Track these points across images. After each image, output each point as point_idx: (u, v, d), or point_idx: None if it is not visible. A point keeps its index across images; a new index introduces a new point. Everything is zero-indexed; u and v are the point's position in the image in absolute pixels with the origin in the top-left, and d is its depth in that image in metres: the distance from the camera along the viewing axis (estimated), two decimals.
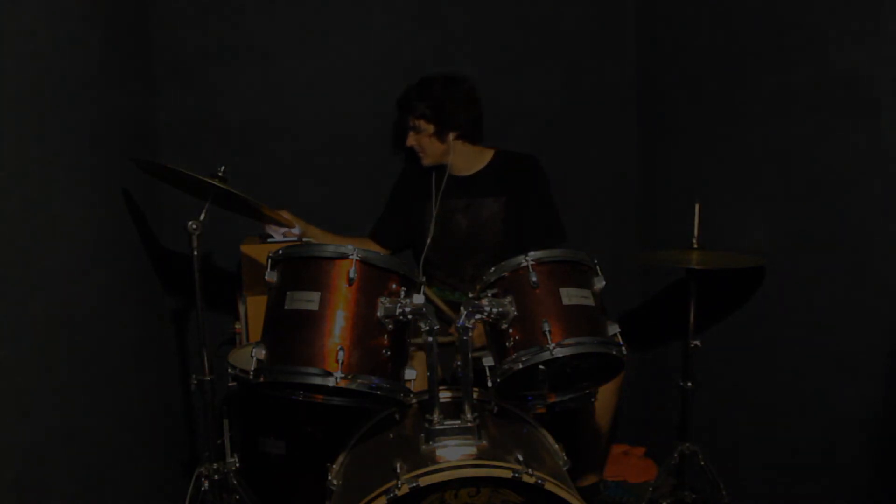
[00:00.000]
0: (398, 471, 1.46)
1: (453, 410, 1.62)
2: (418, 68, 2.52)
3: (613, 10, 2.86)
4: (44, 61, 1.59)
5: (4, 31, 1.40)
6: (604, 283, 1.72)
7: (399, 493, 1.41)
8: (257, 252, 2.38)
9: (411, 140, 2.40)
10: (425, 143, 2.38)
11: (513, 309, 1.62)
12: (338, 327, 1.54)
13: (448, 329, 2.18)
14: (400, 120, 2.45)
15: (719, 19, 2.36)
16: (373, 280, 1.59)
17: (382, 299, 1.57)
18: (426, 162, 2.43)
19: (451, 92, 2.35)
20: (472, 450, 1.56)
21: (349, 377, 1.51)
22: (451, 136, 2.36)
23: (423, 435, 1.59)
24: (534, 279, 1.63)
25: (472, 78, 2.46)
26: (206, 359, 1.94)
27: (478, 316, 1.62)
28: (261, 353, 1.57)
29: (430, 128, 2.34)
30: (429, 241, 2.42)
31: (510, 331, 1.63)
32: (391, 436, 1.73)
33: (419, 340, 1.62)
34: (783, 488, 2.15)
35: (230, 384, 2.10)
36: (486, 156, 2.47)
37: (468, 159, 2.44)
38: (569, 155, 2.88)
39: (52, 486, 1.49)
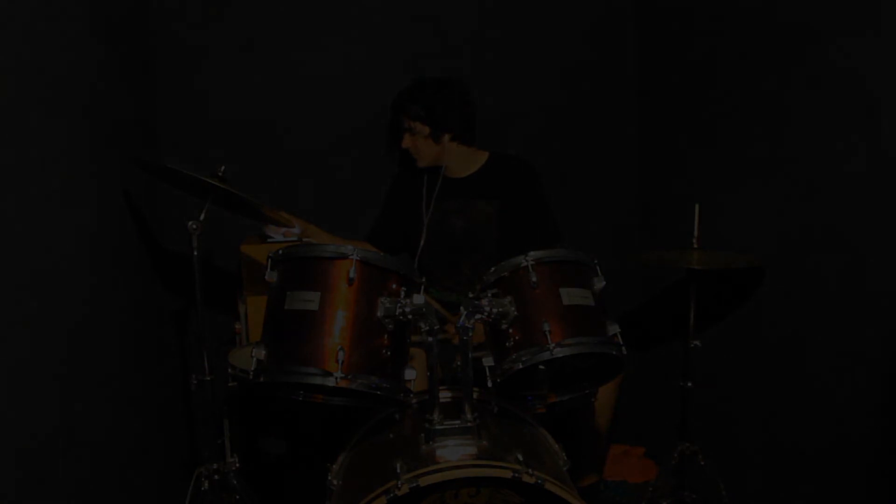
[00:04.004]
0: (398, 471, 1.46)
1: (453, 410, 1.62)
2: (418, 68, 2.52)
3: (613, 10, 2.86)
4: (43, 61, 1.59)
5: (3, 31, 1.40)
6: (604, 283, 1.71)
7: (399, 493, 1.41)
8: (257, 252, 2.38)
9: (407, 142, 2.40)
10: (420, 144, 2.38)
11: (513, 309, 1.62)
12: (338, 327, 1.54)
13: (444, 327, 2.18)
14: (394, 122, 2.45)
15: (719, 19, 2.36)
16: (373, 280, 1.59)
17: (382, 299, 1.57)
18: (421, 164, 2.43)
19: (445, 93, 2.35)
20: (473, 450, 1.55)
21: (349, 377, 1.51)
22: (447, 137, 2.36)
23: (423, 435, 1.59)
24: (534, 279, 1.63)
25: (473, 78, 2.46)
26: (206, 359, 1.94)
27: (478, 316, 1.62)
28: (261, 353, 1.56)
29: (426, 129, 2.34)
30: (422, 242, 2.42)
31: (510, 331, 1.63)
32: (391, 436, 1.73)
33: (418, 338, 1.62)
34: (783, 488, 2.15)
35: (230, 384, 2.10)
36: (481, 158, 2.47)
37: (463, 161, 2.44)
38: (569, 155, 2.88)
39: (52, 486, 1.50)
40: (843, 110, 1.85)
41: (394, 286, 1.60)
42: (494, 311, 1.62)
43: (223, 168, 1.92)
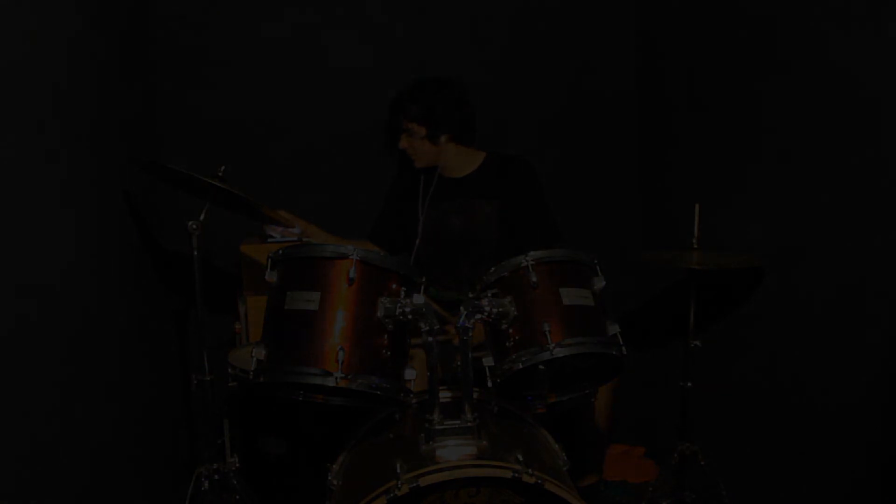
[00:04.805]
0: (398, 471, 1.46)
1: (453, 410, 1.62)
2: (417, 69, 2.51)
3: (613, 10, 2.86)
4: (43, 61, 1.59)
5: (4, 30, 1.40)
6: (604, 283, 1.71)
7: (399, 493, 1.41)
8: (257, 252, 2.38)
9: (404, 143, 2.40)
10: (418, 145, 2.38)
11: (513, 309, 1.62)
12: (338, 327, 1.54)
13: (444, 327, 2.18)
14: (392, 122, 2.45)
15: (719, 20, 2.36)
16: (373, 280, 1.59)
17: (382, 299, 1.57)
18: (419, 164, 2.43)
19: (443, 94, 2.34)
20: (473, 450, 1.55)
21: (349, 377, 1.51)
22: (444, 138, 2.36)
23: (423, 435, 1.58)
24: (534, 279, 1.63)
25: (473, 78, 2.46)
26: (206, 359, 1.94)
27: (478, 316, 1.62)
28: (261, 353, 1.57)
29: (423, 130, 2.34)
30: (417, 242, 2.42)
31: (510, 331, 1.63)
32: (391, 436, 1.73)
33: (419, 340, 1.62)
34: (783, 488, 2.15)
35: (230, 384, 2.10)
36: (478, 158, 2.47)
37: (460, 161, 2.44)
38: (570, 155, 2.88)
39: (52, 486, 1.50)
40: (843, 110, 1.85)
41: (394, 286, 1.60)
42: (494, 311, 1.62)
43: (223, 168, 1.92)
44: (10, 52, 1.42)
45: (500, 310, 1.62)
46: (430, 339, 1.57)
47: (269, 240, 2.43)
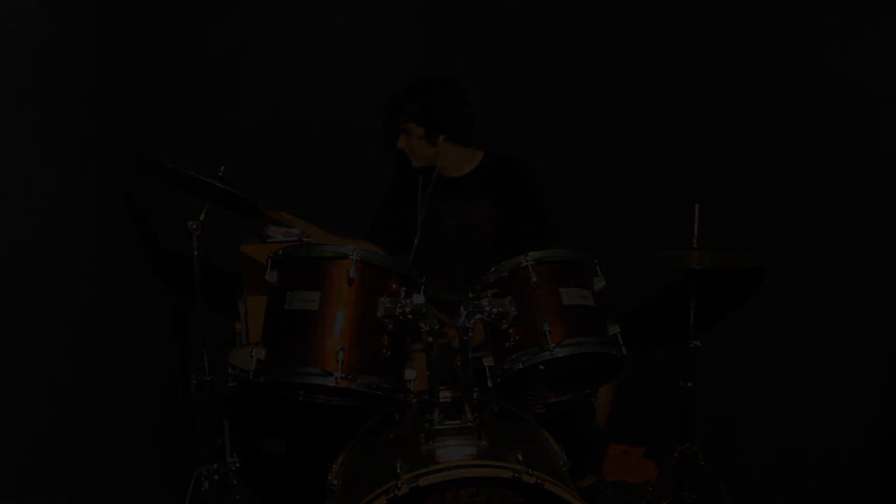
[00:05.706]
0: (398, 471, 1.46)
1: (453, 410, 1.62)
2: (416, 68, 2.52)
3: (614, 9, 2.86)
4: (43, 61, 1.59)
5: (4, 31, 1.40)
6: (604, 283, 1.71)
7: (399, 494, 1.41)
8: (257, 252, 2.38)
9: (402, 142, 2.39)
10: (415, 145, 2.37)
11: (513, 309, 1.62)
12: (338, 327, 1.54)
13: (443, 329, 2.18)
14: (391, 122, 2.45)
15: (719, 20, 2.36)
16: (373, 280, 1.59)
17: (382, 299, 1.57)
18: (416, 164, 2.42)
19: (442, 94, 2.34)
20: (473, 450, 1.55)
21: (349, 377, 1.51)
22: (442, 138, 2.36)
23: (423, 435, 1.58)
24: (534, 279, 1.63)
25: (473, 78, 2.46)
26: (206, 359, 1.94)
27: (478, 316, 1.61)
28: (261, 353, 1.57)
29: (421, 130, 2.34)
30: (416, 241, 2.42)
31: (510, 331, 1.63)
32: (391, 436, 1.73)
33: (419, 346, 1.62)
34: (783, 488, 2.15)
35: (230, 384, 2.10)
36: (477, 157, 2.46)
37: (458, 161, 2.43)
38: (569, 154, 2.88)
39: (52, 486, 1.50)
40: (843, 110, 1.85)
41: (394, 286, 1.60)
42: (494, 311, 1.62)
43: (223, 168, 1.92)
44: (10, 52, 1.42)
45: (500, 310, 1.62)
46: (431, 339, 1.57)
47: (269, 240, 2.43)
